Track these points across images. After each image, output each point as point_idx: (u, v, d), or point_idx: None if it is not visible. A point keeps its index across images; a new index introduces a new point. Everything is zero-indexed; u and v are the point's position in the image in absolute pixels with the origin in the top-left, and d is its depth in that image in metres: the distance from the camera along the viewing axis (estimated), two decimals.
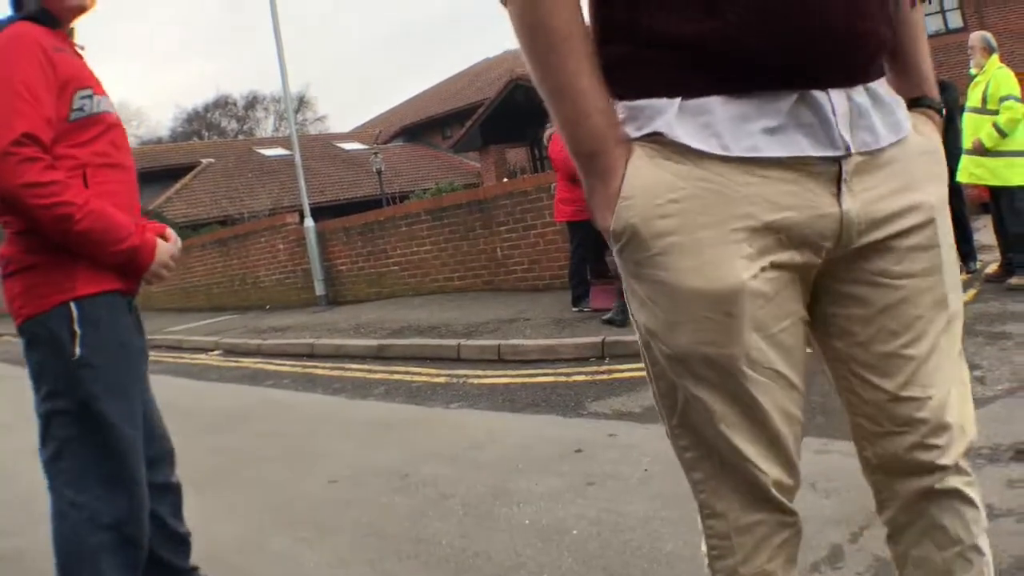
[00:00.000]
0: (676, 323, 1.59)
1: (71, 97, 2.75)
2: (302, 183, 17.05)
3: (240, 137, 58.52)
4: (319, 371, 9.63)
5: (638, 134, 1.58)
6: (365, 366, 9.38)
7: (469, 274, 12.98)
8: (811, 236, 1.58)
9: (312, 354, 10.94)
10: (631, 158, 1.58)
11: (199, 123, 65.91)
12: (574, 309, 9.52)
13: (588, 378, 7.02)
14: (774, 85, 1.53)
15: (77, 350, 2.70)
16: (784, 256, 1.58)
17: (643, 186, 1.56)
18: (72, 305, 2.71)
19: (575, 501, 4.15)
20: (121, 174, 2.89)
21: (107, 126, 2.87)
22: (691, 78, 1.54)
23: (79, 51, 2.97)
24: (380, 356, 9.80)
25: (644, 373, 5.51)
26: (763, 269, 1.56)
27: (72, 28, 2.99)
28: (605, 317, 8.46)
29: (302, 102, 65.26)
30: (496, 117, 32.81)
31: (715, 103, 1.53)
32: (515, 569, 3.47)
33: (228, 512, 3.63)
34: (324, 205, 31.56)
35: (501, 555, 3.63)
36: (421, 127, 46.95)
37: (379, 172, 34.03)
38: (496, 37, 79.44)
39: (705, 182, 1.54)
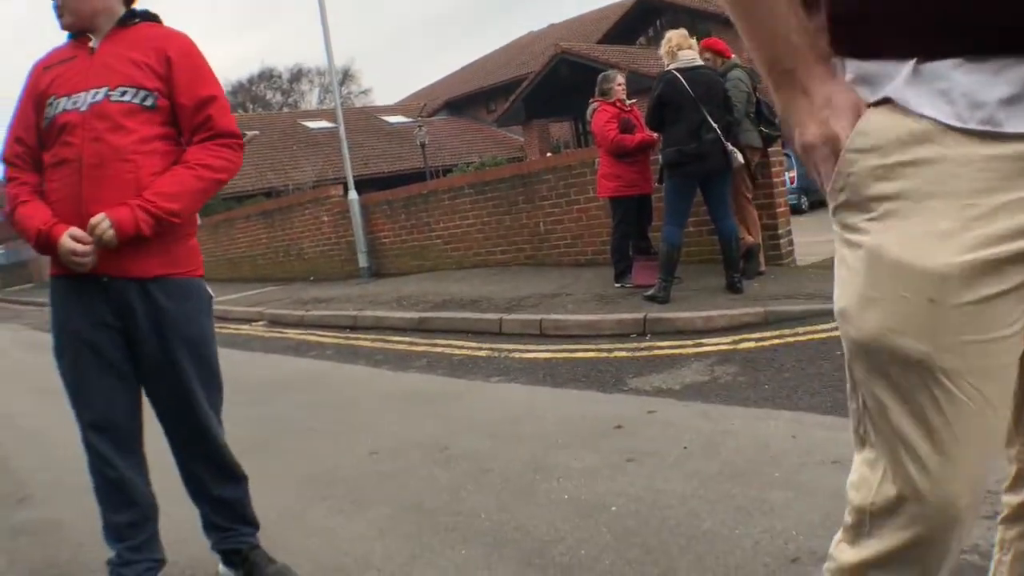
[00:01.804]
0: (870, 300, 1.42)
1: (44, 108, 3.11)
2: (346, 156, 17.08)
3: (285, 110, 58.78)
4: (361, 343, 9.69)
5: (872, 97, 1.44)
6: (407, 338, 9.43)
7: (512, 248, 12.97)
8: None
9: (355, 326, 11.01)
10: (865, 112, 1.43)
11: (244, 95, 66.15)
12: (616, 285, 9.50)
13: (629, 354, 7.02)
14: (1013, 48, 1.34)
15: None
16: (1017, 246, 1.35)
17: (878, 130, 1.40)
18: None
19: (614, 477, 4.16)
20: (63, 171, 3.05)
21: (61, 126, 3.05)
22: (928, 38, 1.37)
23: (91, 47, 3.17)
24: (422, 329, 9.84)
25: (685, 351, 5.49)
26: (989, 258, 1.35)
27: (139, 11, 3.28)
28: (647, 294, 8.43)
29: (347, 75, 65.39)
30: (540, 91, 32.77)
31: (951, 67, 1.36)
32: (553, 544, 3.49)
33: (269, 482, 3.67)
34: (368, 178, 31.64)
35: (539, 530, 3.65)
36: (465, 100, 46.96)
37: (423, 145, 34.05)
38: (541, 10, 79.21)
39: (940, 149, 1.37)
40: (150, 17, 3.29)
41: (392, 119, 43.77)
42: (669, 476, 4.09)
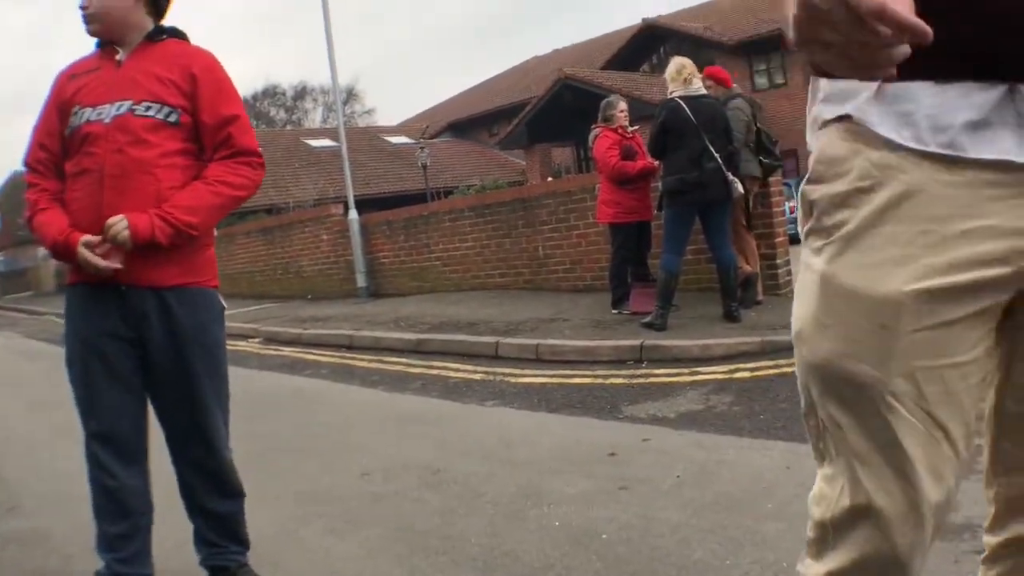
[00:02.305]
0: (823, 325, 1.43)
1: (68, 116, 3.17)
2: (348, 175, 17.12)
3: (288, 127, 58.87)
4: (358, 363, 9.68)
5: (830, 115, 1.45)
6: (403, 359, 9.41)
7: (511, 272, 12.98)
8: (1013, 257, 1.34)
9: (351, 345, 10.99)
10: (825, 132, 1.46)
11: (248, 112, 66.01)
12: (613, 311, 9.50)
13: (625, 381, 7.01)
14: (982, 74, 1.33)
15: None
16: (974, 275, 1.35)
17: (837, 156, 1.42)
18: None
19: (607, 505, 4.15)
20: (87, 179, 3.11)
21: (84, 136, 3.11)
22: None
23: (117, 59, 3.23)
24: (419, 350, 9.82)
25: (681, 379, 5.50)
26: (944, 286, 1.34)
27: (167, 29, 3.35)
28: (644, 320, 8.43)
29: (351, 94, 65.60)
30: (543, 116, 32.91)
31: (915, 90, 1.36)
32: (543, 571, 3.47)
33: (261, 500, 3.67)
34: (369, 198, 31.62)
35: (530, 556, 3.63)
36: (468, 123, 47.16)
37: (424, 167, 34.11)
38: (546, 36, 79.51)
39: (898, 173, 1.37)
40: (177, 34, 3.36)
41: (395, 139, 43.85)
42: (662, 505, 4.07)
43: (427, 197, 30.40)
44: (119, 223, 2.99)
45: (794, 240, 12.13)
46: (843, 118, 1.43)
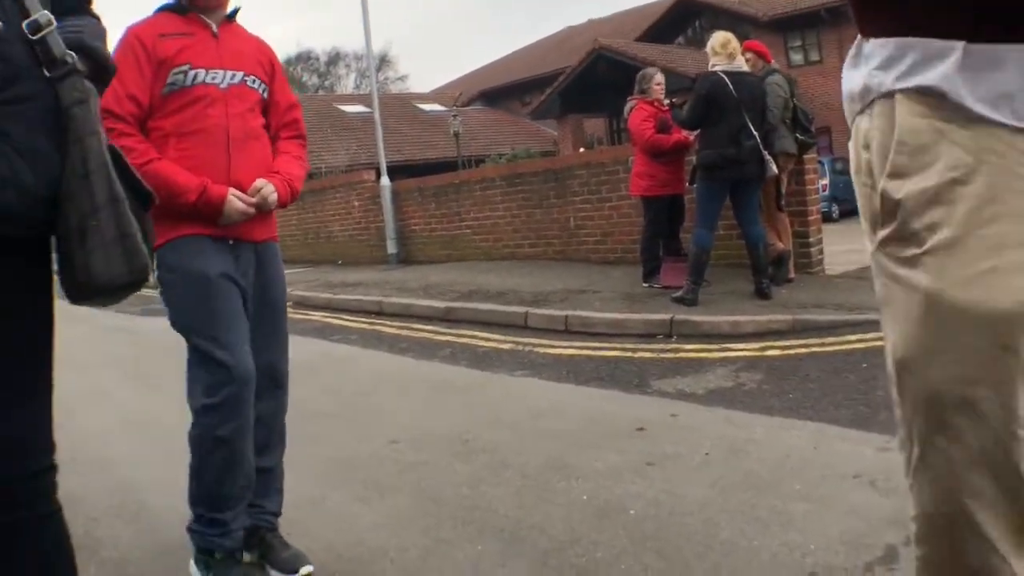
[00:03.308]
0: (934, 351, 1.23)
1: (167, 74, 3.21)
2: (380, 142, 17.12)
3: (321, 92, 58.82)
4: (386, 329, 9.70)
5: (902, 84, 1.23)
6: (432, 327, 9.44)
7: (541, 242, 12.96)
8: None
9: (380, 312, 11.02)
10: (896, 111, 1.24)
11: None
12: (644, 284, 9.47)
13: (654, 355, 7.00)
14: None
15: (160, 289, 3.28)
16: None
17: (923, 142, 1.20)
18: (156, 254, 3.01)
19: (634, 480, 4.15)
20: (206, 138, 3.26)
21: (198, 97, 3.25)
22: (978, 16, 1.15)
23: (213, 30, 3.36)
24: (447, 318, 9.84)
25: (710, 355, 5.47)
26: None
27: (235, 9, 3.48)
28: (675, 295, 8.40)
29: (384, 60, 65.36)
30: (576, 86, 32.74)
31: (1007, 54, 1.15)
32: (570, 544, 3.48)
33: (289, 466, 3.66)
34: (400, 164, 31.61)
35: (556, 529, 3.64)
36: (501, 92, 46.95)
37: (456, 134, 34.01)
38: (581, 6, 79.02)
39: (996, 157, 1.16)
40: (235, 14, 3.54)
41: (427, 107, 43.74)
42: (689, 482, 4.07)
43: (458, 165, 30.37)
44: (267, 186, 3.33)
45: (826, 218, 12.04)
46: (920, 90, 1.22)
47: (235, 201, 3.25)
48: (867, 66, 1.32)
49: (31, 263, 2.00)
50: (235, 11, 3.47)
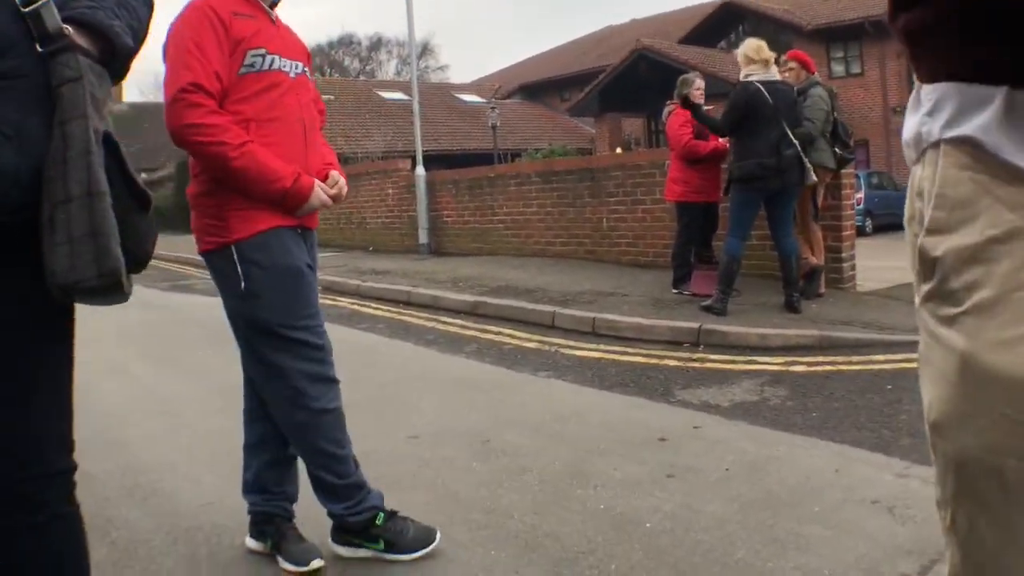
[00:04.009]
0: (967, 415, 1.16)
1: (243, 55, 3.16)
2: (418, 130, 17.14)
3: (361, 77, 58.93)
4: (413, 320, 9.73)
5: (947, 134, 1.17)
6: (459, 321, 9.45)
7: (572, 241, 12.94)
8: None
9: (408, 302, 11.04)
10: (939, 162, 1.19)
11: (322, 59, 66.44)
12: (673, 291, 9.44)
13: (680, 364, 6.97)
14: None
15: (243, 283, 3.20)
16: None
17: (961, 196, 1.14)
18: (232, 248, 3.19)
19: (652, 492, 4.12)
20: (285, 128, 3.27)
21: (273, 83, 3.24)
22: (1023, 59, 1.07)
23: (273, 16, 3.37)
24: (475, 313, 9.85)
25: (736, 366, 5.43)
26: None
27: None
28: (704, 304, 8.38)
29: (425, 49, 65.49)
30: (616, 85, 32.72)
31: None
32: (584, 555, 3.46)
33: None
34: (436, 153, 31.65)
35: (571, 538, 3.62)
36: (540, 86, 46.98)
37: (494, 127, 34.01)
38: (624, 4, 78.79)
39: None
40: None
41: (466, 97, 43.77)
42: (708, 497, 4.04)
43: (494, 158, 30.37)
44: (340, 179, 3.46)
45: (860, 232, 11.96)
46: (962, 140, 1.16)
47: (320, 192, 3.31)
48: (919, 112, 1.28)
49: (17, 249, 1.86)
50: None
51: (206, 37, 3.08)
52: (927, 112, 1.24)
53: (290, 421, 3.35)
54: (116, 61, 1.98)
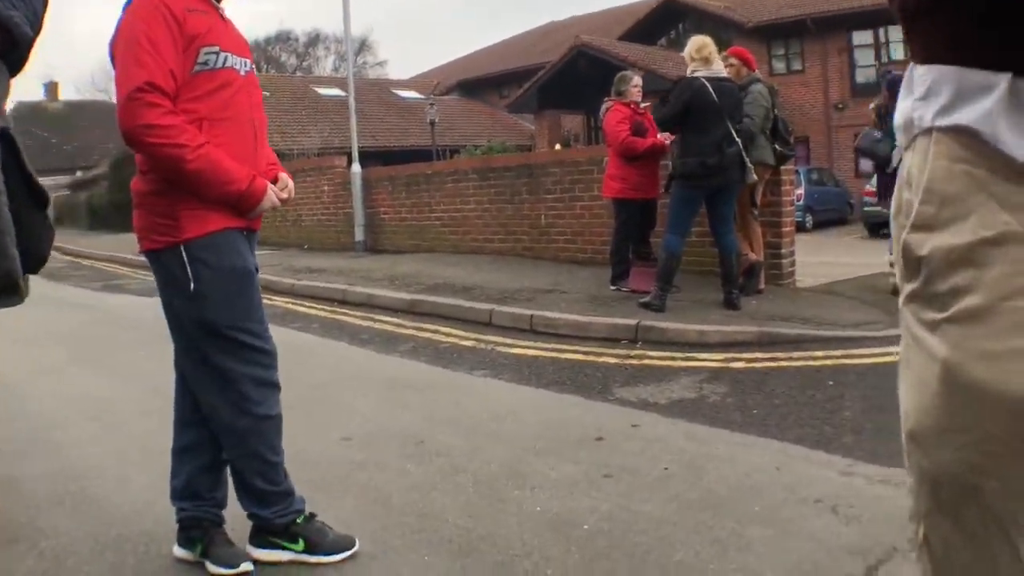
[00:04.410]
0: (947, 429, 1.09)
1: (196, 52, 3.07)
2: (354, 127, 16.98)
3: (298, 74, 58.51)
4: (348, 319, 9.58)
5: (941, 121, 1.08)
6: (395, 319, 9.31)
7: (510, 238, 12.86)
8: None
9: (344, 300, 10.88)
10: (930, 152, 1.10)
11: (259, 55, 65.94)
12: (612, 287, 9.37)
13: (618, 361, 6.89)
14: None
15: (192, 284, 3.11)
16: None
17: (945, 196, 1.06)
18: (182, 247, 3.10)
19: (589, 493, 4.03)
20: (236, 128, 3.19)
21: (225, 82, 3.16)
22: None
23: (222, 12, 3.27)
24: (411, 311, 9.70)
25: (675, 363, 5.36)
26: None
27: None
28: (642, 300, 8.32)
29: (363, 45, 65.32)
30: (555, 82, 32.75)
31: None
32: (520, 559, 3.36)
33: None
34: (374, 150, 31.48)
35: (507, 541, 3.52)
36: (479, 83, 46.88)
37: (432, 123, 33.90)
38: (566, 3, 78.86)
39: None
40: None
41: (404, 94, 43.55)
42: (646, 497, 3.96)
43: (433, 154, 30.28)
44: (289, 181, 3.45)
45: (800, 228, 12.07)
46: (957, 130, 1.07)
47: (272, 195, 3.27)
48: (912, 96, 1.18)
49: None
50: None
51: (160, 33, 2.99)
52: (920, 96, 1.15)
53: (231, 426, 3.27)
54: (15, 52, 1.89)
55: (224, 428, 3.29)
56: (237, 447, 3.31)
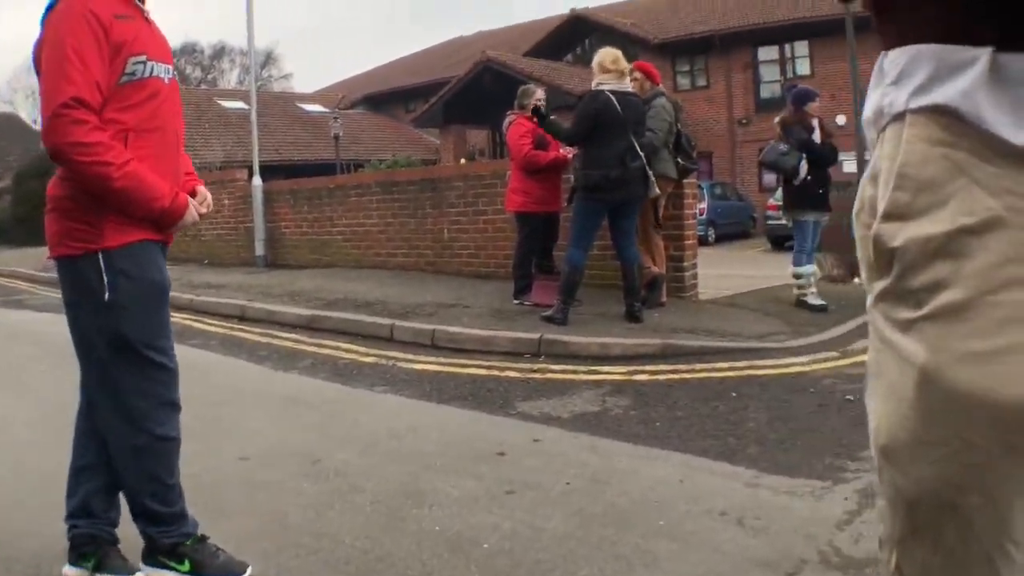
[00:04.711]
0: (925, 442, 1.00)
1: (124, 62, 2.96)
2: (255, 140, 16.77)
3: (203, 86, 57.79)
4: (247, 335, 9.37)
5: (917, 103, 1.01)
6: (295, 335, 9.13)
7: (413, 252, 12.74)
8: None
9: (243, 316, 10.66)
10: (904, 136, 1.01)
11: None
12: (515, 302, 9.31)
13: (520, 375, 6.83)
14: None
15: (107, 294, 2.99)
16: None
17: (921, 181, 0.98)
18: (100, 255, 2.99)
19: (491, 509, 3.96)
20: (161, 139, 3.11)
21: (153, 91, 3.06)
22: (1012, 16, 0.92)
23: (147, 15, 3.15)
24: (311, 327, 9.53)
25: (578, 376, 5.29)
26: None
27: None
28: (545, 314, 8.27)
29: (269, 58, 64.79)
30: (461, 96, 32.75)
31: None
32: None
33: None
34: (278, 164, 31.19)
35: (405, 562, 3.43)
36: (385, 97, 46.72)
37: (337, 137, 33.73)
38: (476, 17, 79.03)
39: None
40: None
41: (309, 107, 43.23)
42: (549, 513, 3.90)
43: (337, 168, 30.07)
44: (208, 194, 3.40)
45: (702, 242, 12.20)
46: (935, 110, 1.00)
47: (193, 210, 3.21)
48: (883, 84, 1.09)
49: None
50: None
51: (86, 43, 2.87)
52: (892, 81, 1.07)
53: (127, 444, 3.17)
54: None
55: (121, 447, 3.18)
56: (132, 466, 3.20)
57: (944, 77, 0.97)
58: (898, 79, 1.04)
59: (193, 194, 3.32)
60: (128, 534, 3.30)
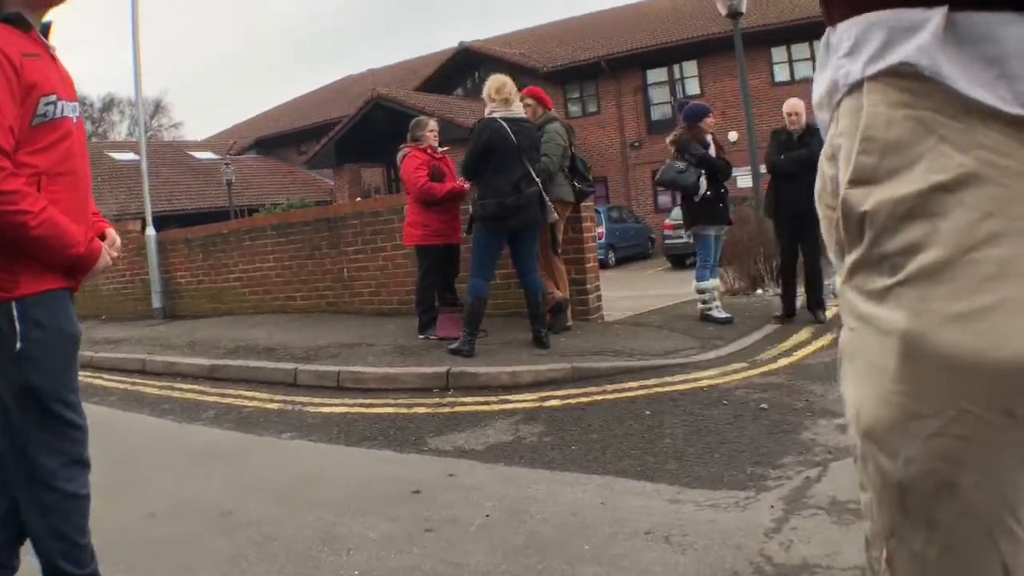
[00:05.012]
0: (913, 416, 0.93)
1: (35, 102, 2.83)
2: (146, 190, 16.42)
3: (93, 139, 56.81)
4: (148, 389, 9.11)
5: (874, 68, 0.97)
6: (196, 387, 8.90)
7: (313, 294, 12.56)
8: None
9: (144, 370, 10.38)
10: (864, 103, 0.98)
11: None
12: (420, 337, 9.20)
13: (430, 410, 6.73)
14: None
15: (19, 344, 2.85)
16: None
17: (888, 142, 0.94)
18: (13, 304, 2.85)
19: (410, 549, 3.86)
20: (73, 181, 2.98)
21: (65, 133, 2.94)
22: None
23: (53, 53, 3.02)
24: (213, 377, 9.31)
25: (489, 407, 5.20)
26: None
27: (49, 24, 3.04)
28: (451, 347, 8.18)
29: (158, 107, 63.94)
30: (353, 135, 32.64)
31: (1005, 22, 0.89)
32: None
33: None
34: (171, 214, 30.75)
35: None
36: (277, 140, 46.43)
37: (229, 183, 33.36)
38: (360, 57, 78.86)
39: (1002, 158, 0.89)
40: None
41: (200, 155, 42.74)
42: (469, 548, 3.82)
43: (230, 215, 29.72)
44: (117, 237, 3.30)
45: (603, 265, 12.28)
46: (893, 72, 0.96)
47: (106, 256, 3.11)
48: (835, 57, 1.06)
49: None
50: (49, 24, 3.06)
51: (8, 85, 2.75)
52: (846, 53, 1.03)
53: (36, 501, 3.02)
54: None
55: (31, 505, 3.04)
56: (42, 525, 3.06)
57: (900, 39, 0.95)
58: (852, 50, 1.01)
59: (103, 237, 3.22)
60: None
